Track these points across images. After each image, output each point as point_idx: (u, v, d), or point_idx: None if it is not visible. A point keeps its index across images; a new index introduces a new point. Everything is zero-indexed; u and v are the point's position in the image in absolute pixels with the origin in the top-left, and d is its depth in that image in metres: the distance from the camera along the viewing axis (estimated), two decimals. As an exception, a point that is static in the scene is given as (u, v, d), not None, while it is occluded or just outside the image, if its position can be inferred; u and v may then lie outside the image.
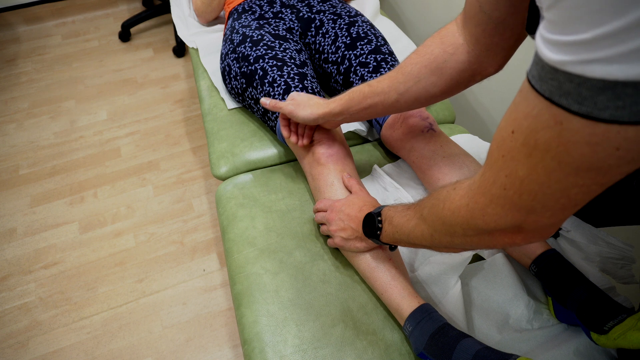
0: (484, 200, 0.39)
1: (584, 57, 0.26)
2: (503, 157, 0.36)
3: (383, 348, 0.68)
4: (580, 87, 0.27)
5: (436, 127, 0.86)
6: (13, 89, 1.81)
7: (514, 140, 0.34)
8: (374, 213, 0.65)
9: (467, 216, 0.42)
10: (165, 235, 1.34)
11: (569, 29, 0.26)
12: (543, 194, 0.34)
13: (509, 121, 0.35)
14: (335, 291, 0.75)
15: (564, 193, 0.33)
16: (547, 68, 0.29)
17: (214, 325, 1.16)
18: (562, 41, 0.27)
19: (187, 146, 1.60)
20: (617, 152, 0.28)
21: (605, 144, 0.28)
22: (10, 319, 1.17)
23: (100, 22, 2.15)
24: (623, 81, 0.25)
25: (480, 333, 0.70)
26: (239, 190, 0.91)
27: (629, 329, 0.59)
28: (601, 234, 0.74)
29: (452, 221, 0.45)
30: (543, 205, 0.35)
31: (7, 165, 1.53)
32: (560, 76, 0.28)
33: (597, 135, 0.28)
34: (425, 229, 0.52)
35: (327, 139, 0.82)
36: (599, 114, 0.27)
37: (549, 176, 0.33)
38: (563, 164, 0.31)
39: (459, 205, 0.43)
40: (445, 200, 0.46)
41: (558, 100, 0.29)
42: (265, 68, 0.92)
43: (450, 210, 0.45)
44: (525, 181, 0.34)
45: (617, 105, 0.25)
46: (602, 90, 0.26)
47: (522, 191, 0.35)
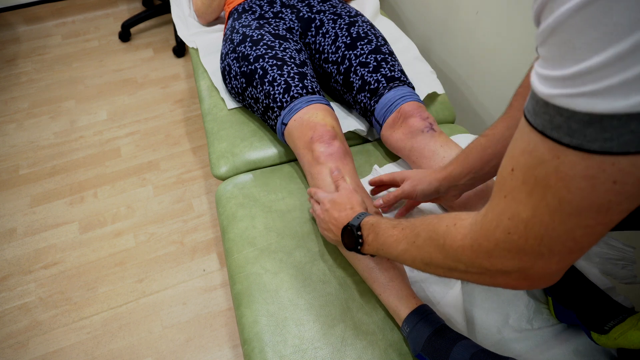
0: (488, 245, 0.38)
1: (570, 91, 0.27)
2: (505, 198, 0.35)
3: (383, 348, 0.68)
4: (569, 120, 0.28)
5: (436, 127, 0.86)
6: (13, 89, 1.81)
7: (514, 178, 0.34)
8: (353, 226, 0.63)
9: (472, 256, 0.41)
10: (165, 235, 1.34)
11: (557, 64, 0.27)
12: (549, 237, 0.33)
13: (509, 159, 0.35)
14: (335, 291, 0.75)
15: (569, 235, 0.32)
16: (540, 102, 0.30)
17: (214, 325, 1.16)
18: (551, 76, 0.28)
19: (187, 146, 1.60)
20: (614, 186, 0.28)
21: (602, 177, 0.28)
22: (10, 319, 1.17)
23: (100, 22, 2.15)
24: (608, 114, 0.25)
25: (480, 333, 0.70)
26: (239, 190, 0.91)
27: (629, 328, 0.59)
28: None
29: (454, 258, 0.43)
30: (550, 249, 0.34)
31: (7, 165, 1.53)
32: (550, 110, 0.29)
33: (592, 167, 0.28)
34: (418, 256, 0.50)
35: (327, 138, 0.82)
36: (590, 146, 0.27)
37: (552, 217, 0.32)
38: (564, 203, 0.31)
39: (462, 245, 0.41)
40: (445, 237, 0.44)
41: (550, 133, 0.29)
42: (265, 67, 0.92)
43: (452, 249, 0.43)
44: (529, 224, 0.34)
45: (605, 137, 0.26)
46: (589, 123, 0.27)
47: (528, 235, 0.34)
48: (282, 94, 0.89)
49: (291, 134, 0.87)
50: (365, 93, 0.94)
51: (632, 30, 0.23)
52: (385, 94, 0.91)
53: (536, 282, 0.38)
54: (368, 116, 0.96)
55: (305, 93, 0.89)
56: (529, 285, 0.39)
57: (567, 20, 0.25)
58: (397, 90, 0.90)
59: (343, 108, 1.06)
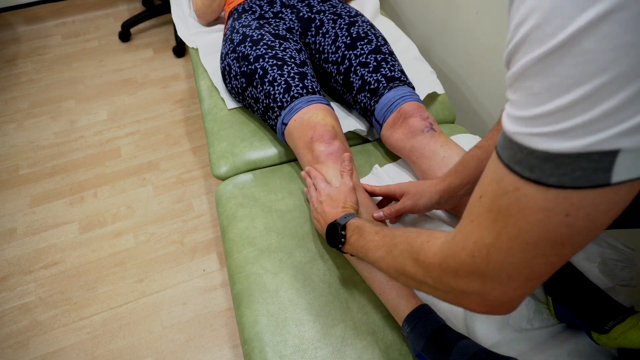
0: (454, 265, 0.40)
1: (530, 131, 0.30)
2: (472, 222, 0.38)
3: (383, 348, 0.68)
4: (529, 156, 0.30)
5: (436, 127, 0.86)
6: (13, 89, 1.81)
7: (481, 205, 0.36)
8: (338, 224, 0.65)
9: (440, 274, 0.43)
10: (165, 235, 1.34)
11: (520, 106, 0.30)
12: (509, 263, 0.35)
13: (479, 186, 0.37)
14: (335, 291, 0.75)
15: (527, 263, 0.35)
16: (507, 137, 0.32)
17: (214, 325, 1.16)
18: (516, 115, 0.31)
19: (187, 146, 1.60)
20: (567, 219, 0.31)
21: (556, 209, 0.31)
22: (10, 319, 1.17)
23: (100, 22, 2.15)
24: (561, 153, 0.28)
25: (480, 333, 0.70)
26: (239, 190, 0.91)
27: (629, 328, 0.59)
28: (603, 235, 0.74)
29: (425, 273, 0.45)
30: (509, 275, 0.36)
31: (7, 165, 1.53)
32: (514, 145, 0.32)
33: (548, 200, 0.31)
34: (392, 264, 0.52)
35: (327, 138, 0.82)
36: (547, 180, 0.30)
37: (512, 245, 0.34)
38: (523, 232, 0.33)
39: (432, 262, 0.44)
40: (419, 252, 0.46)
41: (513, 167, 0.32)
42: (266, 67, 0.92)
43: (424, 264, 0.45)
44: (491, 249, 0.36)
45: (560, 172, 0.29)
46: (546, 160, 0.29)
47: (489, 260, 0.36)
48: (282, 94, 0.89)
49: (291, 134, 0.87)
50: (365, 93, 0.94)
51: (579, 84, 0.26)
52: (385, 93, 0.91)
53: (494, 308, 0.40)
54: (368, 116, 0.96)
55: (306, 93, 0.89)
56: (487, 310, 0.41)
57: (529, 69, 0.29)
58: (397, 90, 0.90)
59: (343, 108, 1.06)
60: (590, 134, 0.27)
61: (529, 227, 0.33)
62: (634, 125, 0.25)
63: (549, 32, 0.26)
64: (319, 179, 0.77)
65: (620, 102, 0.25)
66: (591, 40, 0.25)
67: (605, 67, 0.25)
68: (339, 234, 0.65)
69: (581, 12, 0.24)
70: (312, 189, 0.78)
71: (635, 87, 0.25)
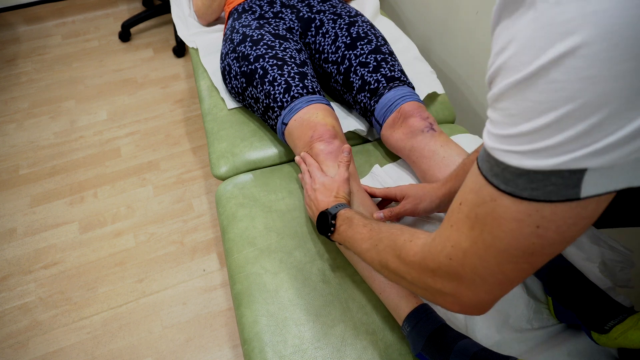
0: (432, 266, 0.43)
1: (505, 148, 0.32)
2: (451, 227, 0.40)
3: (383, 348, 0.68)
4: (504, 171, 0.33)
5: (436, 127, 0.86)
6: (13, 89, 1.81)
7: (460, 212, 0.39)
8: (329, 213, 0.68)
9: (419, 272, 0.45)
10: (165, 235, 1.34)
11: (498, 125, 0.33)
12: (482, 267, 0.38)
13: (460, 193, 0.40)
14: (335, 291, 0.75)
15: (500, 269, 0.37)
16: (486, 152, 0.35)
17: (214, 325, 1.16)
18: (493, 132, 0.33)
19: (187, 146, 1.60)
20: (537, 230, 0.33)
21: (528, 221, 0.33)
22: (10, 319, 1.17)
23: (100, 22, 2.15)
24: (533, 170, 0.31)
25: (480, 333, 0.70)
26: (239, 190, 0.91)
27: (629, 328, 0.59)
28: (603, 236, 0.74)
29: (405, 270, 0.48)
30: (482, 279, 0.39)
31: (7, 165, 1.53)
32: (492, 159, 0.34)
33: (521, 212, 0.33)
34: (377, 259, 0.55)
35: (327, 137, 0.82)
36: (521, 193, 0.32)
37: (486, 251, 0.37)
38: (497, 240, 0.36)
39: (413, 260, 0.46)
40: (402, 249, 0.49)
41: (491, 179, 0.34)
42: (266, 67, 0.92)
43: (405, 261, 0.48)
44: (467, 253, 0.38)
45: (532, 187, 0.32)
46: (520, 175, 0.32)
47: (465, 263, 0.39)
48: (282, 94, 0.89)
49: (291, 134, 0.87)
50: (365, 93, 0.94)
51: (549, 110, 0.28)
52: (385, 93, 0.91)
53: (467, 308, 0.42)
54: (368, 116, 0.96)
55: (306, 93, 0.89)
56: (460, 310, 0.43)
57: (506, 92, 0.31)
58: (397, 90, 0.90)
59: (343, 108, 1.06)
60: (560, 155, 0.29)
61: (502, 235, 0.35)
62: (598, 148, 0.28)
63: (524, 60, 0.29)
64: (314, 166, 0.79)
65: (587, 128, 0.28)
66: (559, 72, 0.27)
67: (572, 96, 0.27)
68: (329, 223, 0.67)
69: (551, 46, 0.27)
70: (306, 176, 0.80)
71: (600, 116, 0.27)
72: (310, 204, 0.76)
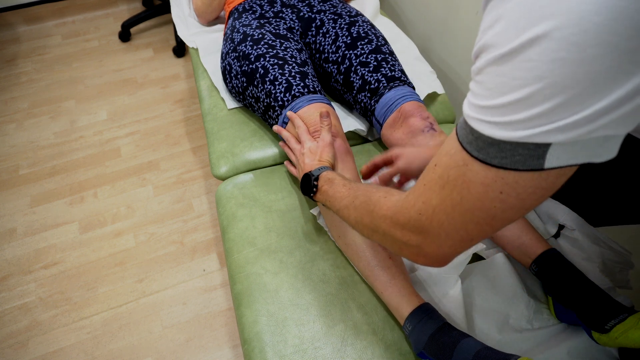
0: (402, 220, 0.46)
1: (480, 118, 0.34)
2: (424, 186, 0.43)
3: (383, 348, 0.68)
4: (477, 139, 0.35)
5: (436, 126, 0.86)
6: (13, 89, 1.81)
7: (434, 172, 0.41)
8: (312, 175, 0.72)
9: (389, 226, 0.49)
10: (165, 235, 1.34)
11: (476, 96, 0.35)
12: (448, 224, 0.41)
13: (437, 156, 0.42)
14: (335, 291, 0.75)
15: (464, 227, 0.41)
16: (463, 119, 0.37)
17: (214, 325, 1.16)
18: (472, 102, 0.36)
19: (187, 146, 1.60)
20: (500, 195, 0.36)
21: (493, 186, 0.36)
22: (10, 319, 1.17)
23: (100, 22, 2.15)
24: (503, 140, 0.33)
25: (481, 333, 0.70)
26: (239, 190, 0.91)
27: (630, 327, 0.59)
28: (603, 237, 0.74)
29: (377, 224, 0.51)
30: (447, 234, 0.42)
31: (7, 165, 1.53)
32: (467, 127, 0.36)
33: (489, 177, 0.36)
34: (353, 215, 0.58)
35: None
36: (491, 161, 0.35)
37: (453, 209, 0.40)
38: (464, 200, 0.39)
39: (384, 214, 0.49)
40: (376, 204, 0.52)
41: (466, 145, 0.37)
42: (266, 66, 0.92)
43: (378, 215, 0.51)
44: (436, 210, 0.41)
45: (501, 155, 0.34)
46: (491, 144, 0.34)
47: (433, 219, 0.42)
48: (283, 93, 0.89)
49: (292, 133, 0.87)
50: (365, 93, 0.94)
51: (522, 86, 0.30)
52: (385, 93, 0.91)
53: (429, 260, 0.47)
54: (368, 116, 0.96)
55: (307, 92, 0.89)
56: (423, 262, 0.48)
57: (487, 67, 0.33)
58: (398, 90, 0.90)
59: (343, 108, 1.06)
60: (527, 128, 0.32)
61: (470, 197, 0.38)
62: (562, 125, 0.30)
63: (506, 38, 0.31)
64: (302, 129, 0.82)
65: (552, 106, 0.30)
66: (534, 52, 0.29)
67: (542, 76, 0.29)
68: (312, 184, 0.71)
69: (530, 27, 0.29)
70: (292, 142, 0.84)
71: (566, 96, 0.29)
72: (297, 167, 0.81)
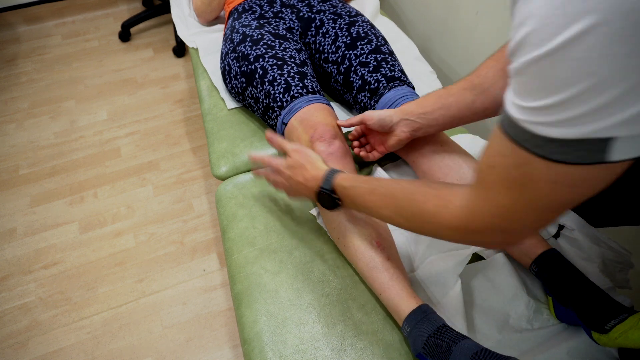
0: (478, 227, 0.46)
1: (532, 119, 0.34)
2: (488, 190, 0.43)
3: (383, 348, 0.68)
4: (534, 137, 0.34)
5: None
6: (13, 89, 1.81)
7: (493, 174, 0.41)
8: (326, 190, 0.66)
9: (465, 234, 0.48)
10: (165, 235, 1.34)
11: (522, 97, 0.34)
12: (527, 219, 0.42)
13: (489, 157, 0.42)
14: (335, 291, 0.75)
15: (541, 218, 0.42)
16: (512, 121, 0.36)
17: (214, 325, 1.16)
18: (518, 104, 0.35)
19: (187, 146, 1.60)
20: (572, 189, 0.36)
21: (564, 182, 0.35)
22: (10, 319, 1.17)
23: (100, 22, 2.15)
24: (558, 139, 0.33)
25: (480, 333, 0.70)
26: (239, 190, 0.91)
27: (630, 328, 0.59)
28: (603, 237, 0.74)
29: (446, 233, 0.51)
30: (528, 228, 0.44)
31: (7, 165, 1.53)
32: (519, 128, 0.35)
33: (556, 174, 0.35)
34: (405, 224, 0.57)
35: (328, 137, 0.82)
36: (552, 157, 0.34)
37: (527, 208, 0.40)
38: (536, 199, 0.38)
39: (455, 224, 0.48)
40: (435, 216, 0.51)
41: (522, 143, 0.36)
42: (266, 67, 0.92)
43: (444, 226, 0.50)
44: (510, 211, 0.42)
45: (563, 151, 0.33)
46: (550, 141, 0.33)
47: (512, 219, 0.42)
48: (282, 94, 0.89)
49: (291, 134, 0.87)
50: (365, 93, 0.94)
51: (570, 85, 0.30)
52: (385, 93, 0.91)
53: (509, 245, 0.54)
54: (368, 116, 0.96)
55: (306, 92, 0.89)
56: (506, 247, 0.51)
57: (527, 67, 0.32)
58: (397, 90, 0.90)
59: (343, 108, 1.06)
60: (584, 125, 0.31)
61: (541, 194, 0.38)
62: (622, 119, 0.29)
63: (543, 37, 0.30)
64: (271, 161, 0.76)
65: (607, 101, 0.29)
66: (579, 49, 0.28)
67: (592, 72, 0.29)
68: (333, 198, 0.66)
69: (570, 24, 0.28)
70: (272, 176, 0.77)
71: (620, 89, 0.28)
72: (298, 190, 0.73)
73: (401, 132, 0.77)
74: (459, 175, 0.78)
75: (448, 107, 0.71)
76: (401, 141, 0.78)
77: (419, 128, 0.75)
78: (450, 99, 0.71)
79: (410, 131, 0.76)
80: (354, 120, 0.80)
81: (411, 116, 0.75)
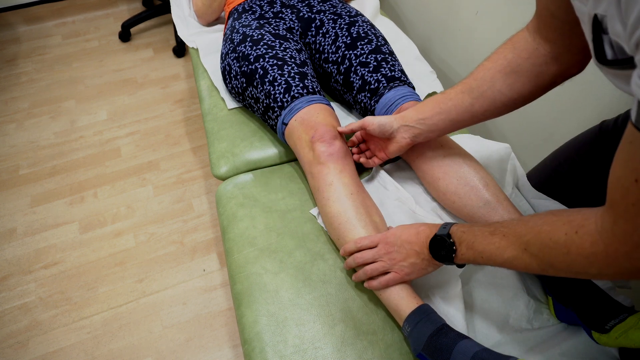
0: (626, 248, 0.41)
1: None
2: (633, 206, 0.38)
3: (383, 348, 0.68)
4: None
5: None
6: (13, 89, 1.81)
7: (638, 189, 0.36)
8: (443, 235, 0.60)
9: (608, 261, 0.43)
10: (165, 235, 1.34)
11: None
12: None
13: (629, 170, 0.37)
14: (335, 291, 0.75)
15: None
16: None
17: (214, 325, 1.16)
18: None
19: (187, 146, 1.60)
20: None
21: None
22: (10, 319, 1.17)
23: (100, 22, 2.15)
24: None
25: (481, 333, 0.70)
26: (239, 190, 0.91)
27: (630, 327, 0.59)
28: None
29: (586, 265, 0.45)
30: None
31: (7, 165, 1.53)
32: None
33: None
34: (534, 262, 0.51)
35: (328, 138, 0.82)
36: None
37: None
38: None
39: (594, 252, 0.44)
40: (569, 246, 0.46)
41: None
42: (266, 67, 0.92)
43: (582, 256, 0.45)
44: None
45: None
46: None
47: None
48: (282, 94, 0.89)
49: (292, 134, 0.87)
50: (365, 93, 0.94)
51: None
52: (385, 93, 0.91)
53: None
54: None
55: (306, 93, 0.89)
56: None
57: None
58: (398, 90, 0.90)
59: (343, 108, 1.06)
60: None
61: None
62: None
63: None
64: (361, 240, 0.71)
65: None
66: None
67: None
68: (448, 243, 0.59)
69: None
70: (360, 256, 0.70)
71: None
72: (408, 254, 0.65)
73: (402, 139, 0.77)
74: (458, 175, 0.78)
75: (447, 112, 0.71)
76: (402, 147, 0.78)
77: (419, 134, 0.76)
78: (448, 103, 0.71)
79: (411, 137, 0.76)
80: (354, 125, 0.80)
81: (410, 122, 0.75)
